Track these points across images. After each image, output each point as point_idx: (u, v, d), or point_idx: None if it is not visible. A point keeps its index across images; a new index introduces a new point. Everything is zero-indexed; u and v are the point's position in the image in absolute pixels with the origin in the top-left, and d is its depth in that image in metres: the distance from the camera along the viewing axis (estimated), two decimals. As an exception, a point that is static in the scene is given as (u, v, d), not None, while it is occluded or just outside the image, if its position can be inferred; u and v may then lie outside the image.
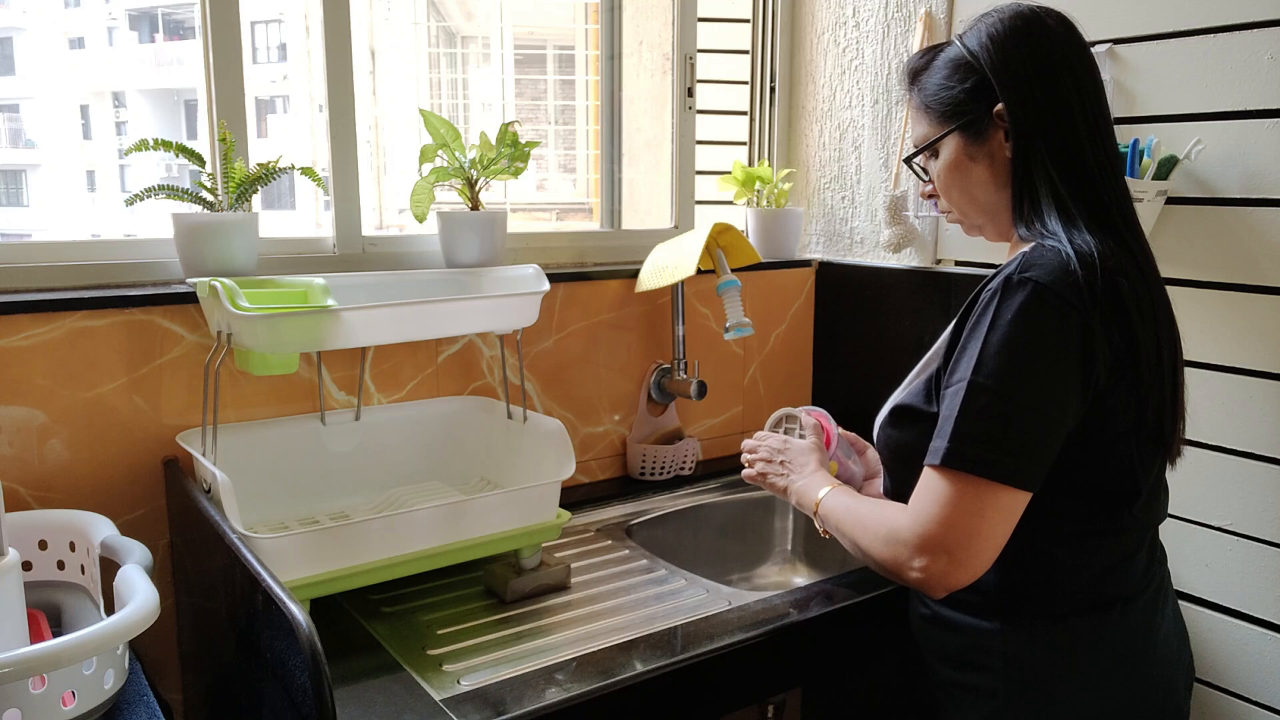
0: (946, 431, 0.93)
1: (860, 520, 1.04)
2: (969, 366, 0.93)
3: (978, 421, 0.92)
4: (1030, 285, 0.92)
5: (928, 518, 0.93)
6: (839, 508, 1.09)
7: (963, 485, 0.92)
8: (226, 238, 1.30)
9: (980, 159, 1.05)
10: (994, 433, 0.92)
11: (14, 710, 0.79)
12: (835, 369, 1.93)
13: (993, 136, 1.03)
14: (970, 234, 1.13)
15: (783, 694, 1.57)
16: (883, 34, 1.77)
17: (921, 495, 0.95)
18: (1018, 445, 0.92)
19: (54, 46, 8.04)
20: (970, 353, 0.94)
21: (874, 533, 1.00)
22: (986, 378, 0.92)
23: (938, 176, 1.10)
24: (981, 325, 0.94)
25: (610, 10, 1.80)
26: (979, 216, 1.09)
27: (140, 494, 1.29)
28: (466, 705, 0.98)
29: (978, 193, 1.07)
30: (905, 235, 1.71)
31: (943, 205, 1.13)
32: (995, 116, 1.02)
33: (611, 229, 1.84)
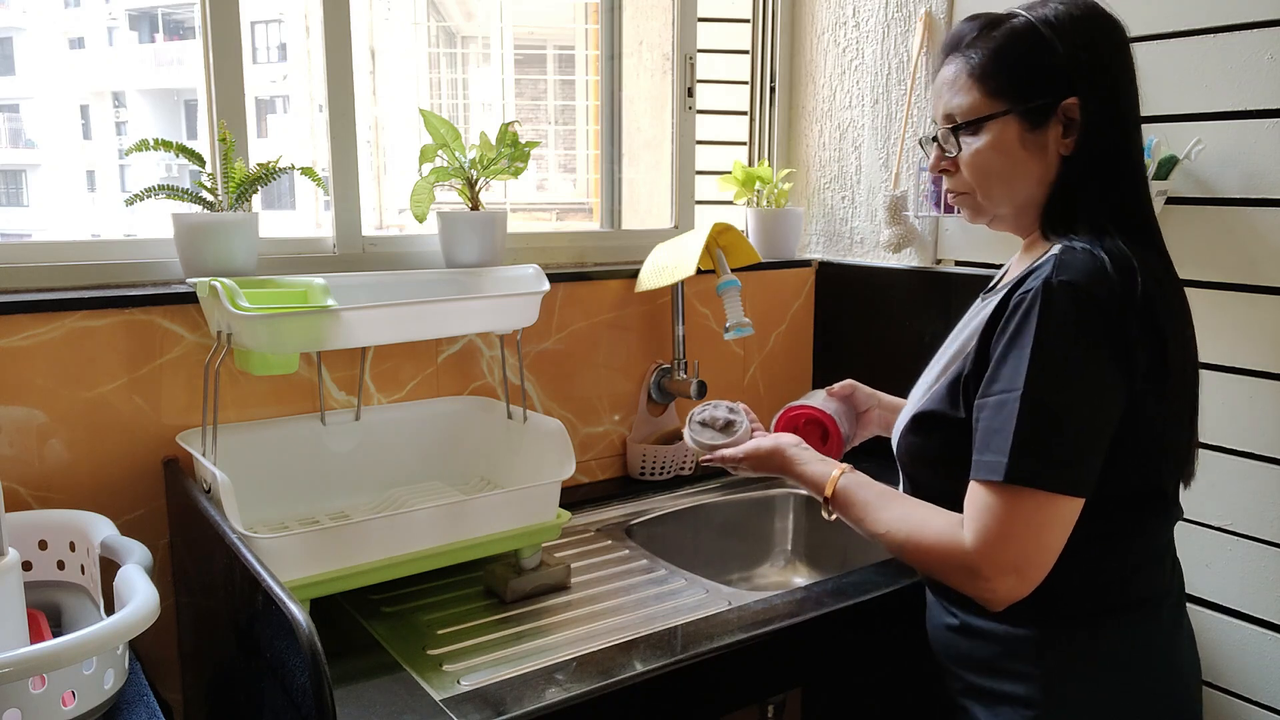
0: (1002, 446, 0.90)
1: (910, 522, 0.99)
2: (1016, 376, 0.90)
3: (1035, 434, 0.89)
4: (1072, 290, 0.89)
5: (994, 537, 0.90)
6: (870, 495, 1.04)
7: (1026, 500, 0.89)
8: (226, 238, 1.30)
9: (1033, 149, 0.98)
10: (1052, 444, 0.89)
11: (14, 710, 0.79)
12: (835, 369, 1.93)
13: (1051, 128, 0.97)
14: (975, 221, 1.07)
15: (783, 694, 1.57)
16: (883, 34, 1.77)
17: (983, 514, 0.91)
18: (1075, 454, 0.90)
19: (54, 46, 8.04)
20: (1015, 362, 0.91)
21: (929, 545, 0.96)
22: (1038, 388, 0.89)
23: (974, 155, 1.00)
24: (1024, 333, 0.91)
25: (610, 10, 1.80)
26: (1006, 207, 1.02)
27: (140, 494, 1.29)
28: (466, 705, 0.98)
29: (1019, 185, 1.00)
30: (905, 235, 1.71)
31: (956, 184, 1.04)
32: (1062, 109, 0.96)
33: (611, 229, 1.84)
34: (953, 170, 1.04)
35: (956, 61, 1.01)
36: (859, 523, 1.04)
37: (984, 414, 0.93)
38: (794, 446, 1.15)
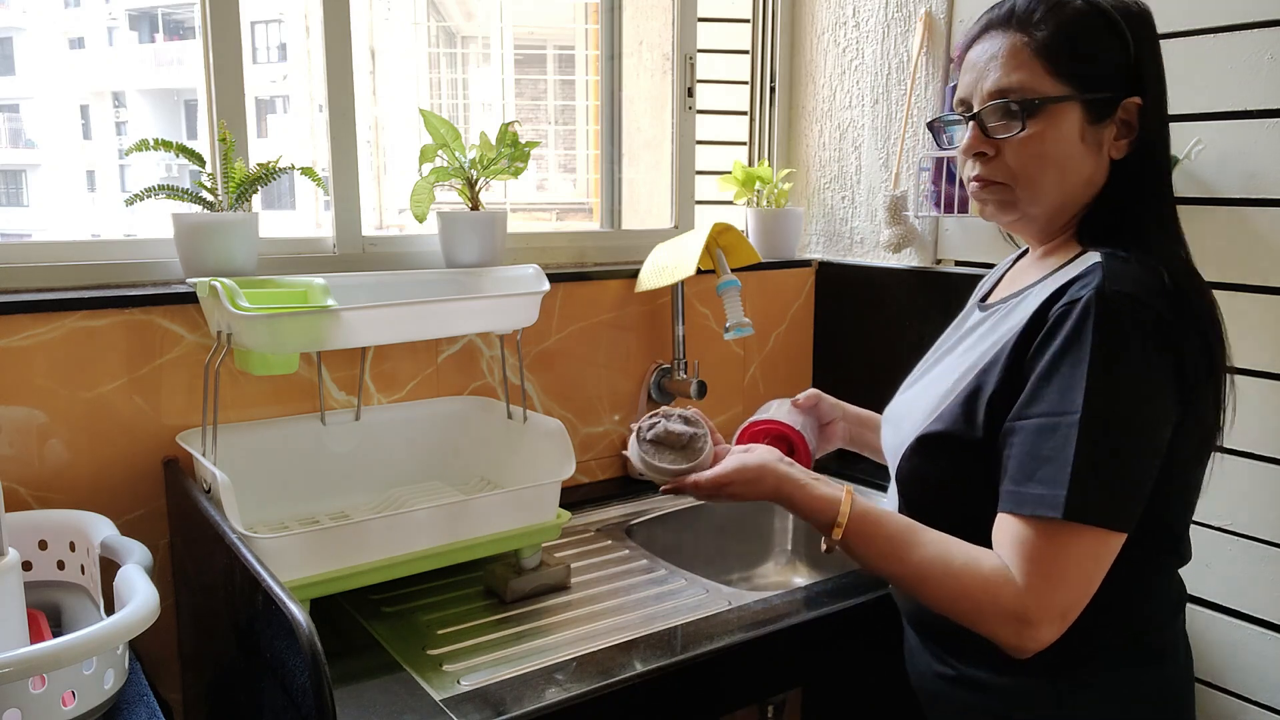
0: (1057, 477, 0.80)
1: (950, 561, 0.86)
2: (1069, 397, 0.81)
3: (1098, 464, 0.80)
4: (1132, 303, 0.81)
5: (1049, 581, 0.80)
6: (896, 527, 0.90)
7: (1084, 539, 0.80)
8: (226, 238, 1.30)
9: (1090, 146, 0.89)
10: (1116, 476, 0.81)
11: (14, 710, 0.79)
12: (835, 369, 1.93)
13: (1107, 127, 0.89)
14: (999, 218, 0.96)
15: (783, 694, 1.57)
16: (883, 34, 1.77)
17: (1033, 554, 0.81)
18: (1136, 486, 0.82)
19: (54, 46, 8.04)
20: (1067, 381, 0.82)
21: (973, 588, 0.84)
22: (1099, 411, 0.80)
23: (1029, 140, 0.89)
24: (1076, 349, 0.82)
25: (610, 10, 1.80)
26: (1045, 206, 0.92)
27: (140, 494, 1.29)
28: (466, 705, 0.98)
29: (1069, 182, 0.90)
30: (905, 235, 1.71)
31: (993, 171, 0.92)
32: (1123, 108, 0.89)
33: (611, 229, 1.84)
34: (992, 155, 0.91)
35: (1010, 35, 0.89)
36: (880, 558, 0.90)
37: (1023, 438, 0.84)
38: (783, 463, 0.98)
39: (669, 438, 1.03)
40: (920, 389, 1.02)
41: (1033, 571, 0.81)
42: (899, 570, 0.89)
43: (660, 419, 1.05)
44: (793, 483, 0.96)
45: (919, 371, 1.08)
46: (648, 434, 1.04)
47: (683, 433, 1.03)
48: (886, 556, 0.90)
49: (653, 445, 1.04)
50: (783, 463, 0.98)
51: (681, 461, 1.02)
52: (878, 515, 0.91)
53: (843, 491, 0.94)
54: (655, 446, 1.03)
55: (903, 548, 0.89)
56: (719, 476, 0.99)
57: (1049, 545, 0.81)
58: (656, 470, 1.02)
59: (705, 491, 1.00)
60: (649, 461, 1.02)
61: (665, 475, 1.02)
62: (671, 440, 1.03)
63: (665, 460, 1.02)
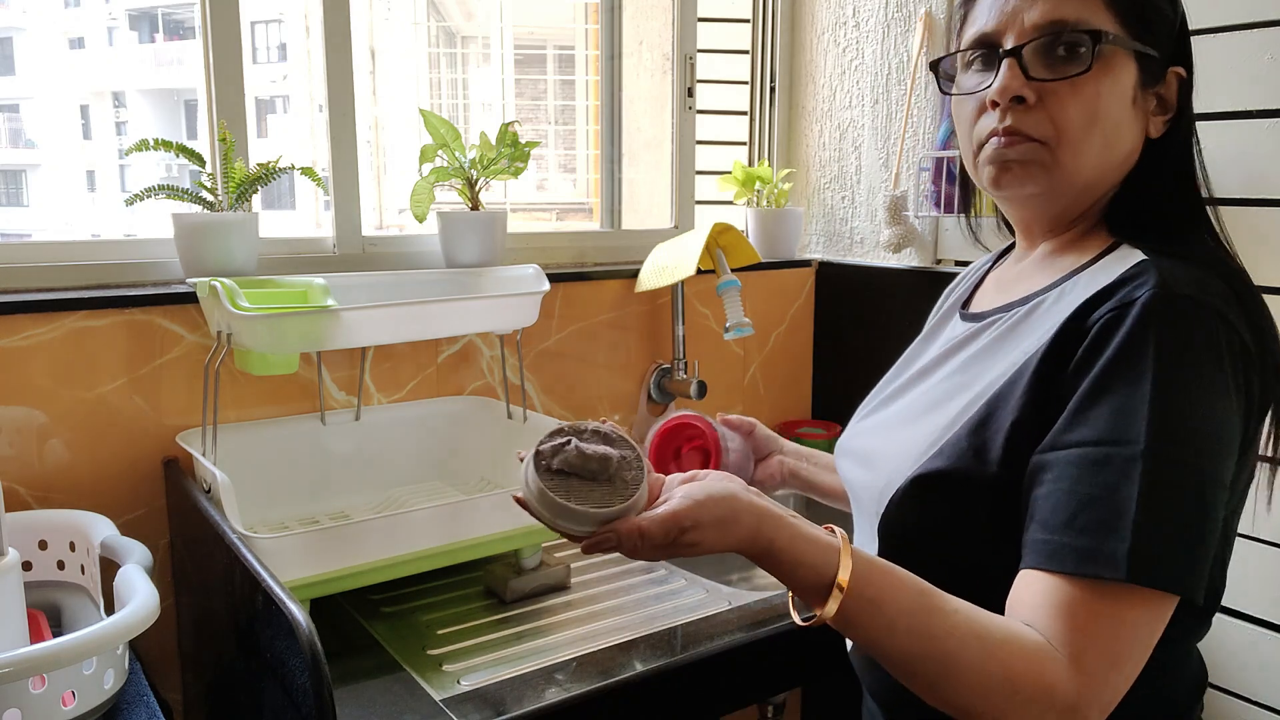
0: (1114, 525, 0.63)
1: (987, 637, 0.64)
2: (1130, 424, 0.64)
3: (1169, 509, 0.63)
4: (1201, 309, 0.67)
5: (1106, 661, 0.62)
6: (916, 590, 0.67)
7: (1145, 607, 0.63)
8: (226, 238, 1.30)
9: (1139, 113, 0.76)
10: (1190, 524, 0.64)
11: (14, 710, 0.79)
12: (835, 369, 1.93)
13: (1150, 97, 0.77)
14: (1009, 187, 0.78)
15: (783, 694, 1.57)
16: (883, 34, 1.77)
17: (1087, 627, 0.63)
18: (1209, 535, 0.65)
19: (54, 46, 8.04)
20: (1125, 403, 0.65)
21: (1015, 673, 0.63)
22: (1168, 442, 0.64)
23: (1085, 85, 0.73)
24: (1136, 362, 0.66)
25: (610, 10, 1.80)
26: (1077, 176, 0.76)
27: (140, 494, 1.29)
28: (466, 705, 0.98)
29: (1113, 151, 0.75)
30: (905, 235, 1.71)
31: (1030, 124, 0.74)
32: (1172, 75, 0.77)
33: (611, 229, 1.84)
34: (1032, 103, 0.74)
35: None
36: (889, 634, 0.66)
37: (1062, 474, 0.67)
38: (755, 494, 0.71)
39: (583, 464, 0.69)
40: (899, 417, 0.85)
41: (1088, 648, 0.62)
42: (917, 649, 0.65)
43: (569, 437, 0.71)
44: (775, 522, 0.68)
45: (886, 394, 0.91)
46: (552, 461, 0.70)
47: (605, 456, 0.70)
48: (901, 632, 0.65)
49: (559, 478, 0.69)
50: (753, 493, 0.70)
51: (607, 500, 0.68)
52: (885, 572, 0.67)
53: (837, 539, 0.68)
54: (563, 480, 0.69)
55: (924, 618, 0.65)
56: (674, 515, 0.67)
57: (1105, 613, 0.63)
58: (570, 515, 0.67)
59: (654, 541, 0.66)
60: (558, 502, 0.67)
61: (585, 522, 0.67)
62: (588, 468, 0.69)
63: (582, 499, 0.68)
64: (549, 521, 0.69)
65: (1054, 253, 0.82)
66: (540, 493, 0.69)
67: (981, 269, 0.95)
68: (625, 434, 0.74)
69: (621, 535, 0.67)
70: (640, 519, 0.67)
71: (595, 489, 0.69)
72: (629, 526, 0.67)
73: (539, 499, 0.69)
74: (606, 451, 0.71)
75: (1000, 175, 0.78)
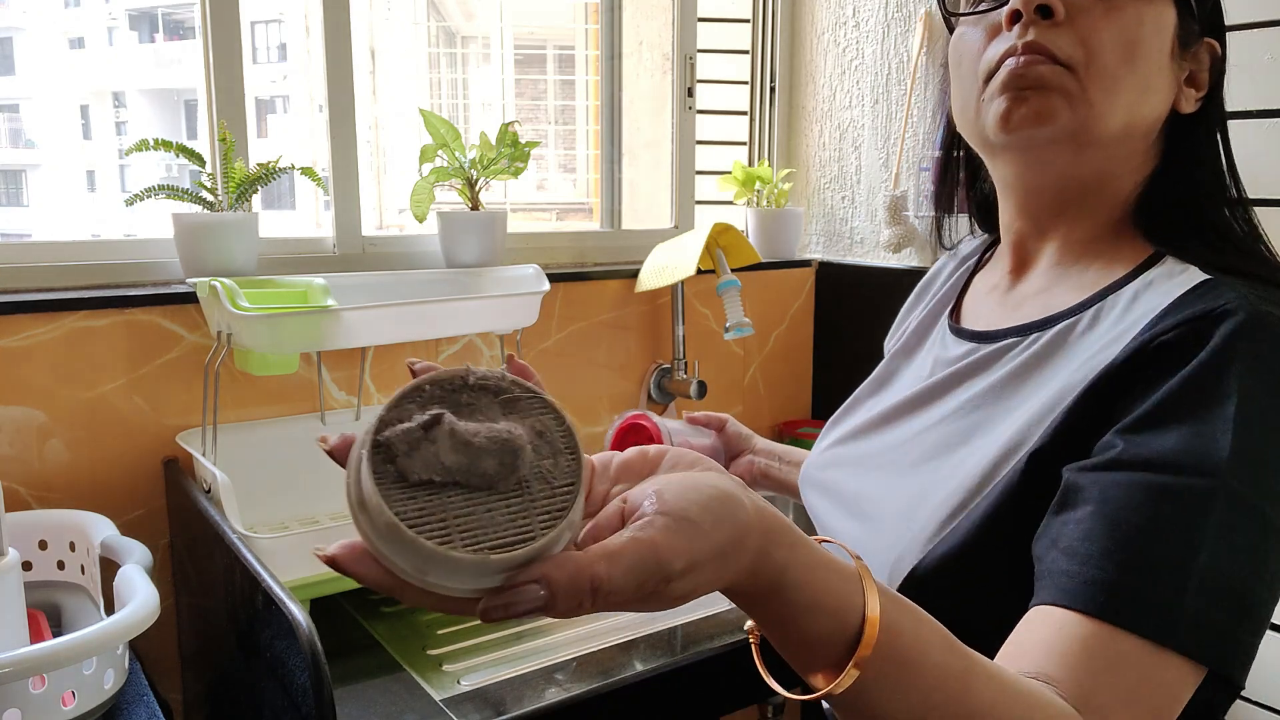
0: (1171, 578, 0.51)
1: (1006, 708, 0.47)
2: (1206, 449, 0.53)
3: (1244, 573, 0.52)
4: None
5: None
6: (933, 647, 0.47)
7: (1182, 676, 0.51)
8: (226, 238, 1.30)
9: (1174, 71, 0.66)
10: (1259, 596, 0.52)
11: (14, 710, 0.79)
12: (835, 369, 1.93)
13: (1184, 65, 0.67)
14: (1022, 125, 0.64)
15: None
16: (883, 34, 1.77)
17: (1112, 684, 0.50)
18: (1270, 608, 0.54)
19: (54, 46, 8.04)
20: (1200, 426, 0.53)
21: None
22: (1251, 479, 0.52)
23: (1117, 9, 0.62)
24: (1215, 382, 0.54)
25: (610, 10, 1.80)
26: (1107, 119, 0.63)
27: (140, 494, 1.29)
28: (466, 705, 0.98)
29: (1147, 104, 0.64)
30: (905, 235, 1.71)
31: (1059, 43, 0.62)
32: (1206, 46, 0.68)
33: (611, 229, 1.84)
34: (1060, 18, 0.62)
35: None
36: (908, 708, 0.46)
37: (1102, 495, 0.54)
38: (749, 493, 0.45)
39: (468, 463, 0.39)
40: (897, 457, 0.72)
41: (1116, 708, 0.50)
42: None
43: (435, 407, 0.41)
44: (788, 538, 0.44)
45: (868, 418, 0.78)
46: (407, 462, 0.39)
47: (506, 442, 0.40)
48: (932, 711, 0.46)
49: (423, 493, 0.39)
50: (748, 490, 0.45)
51: (517, 524, 0.39)
52: (917, 620, 0.47)
53: (852, 563, 0.47)
54: (430, 496, 0.39)
55: (959, 692, 0.46)
56: (652, 549, 0.39)
57: (1142, 674, 0.50)
58: (452, 566, 0.37)
59: (619, 597, 0.39)
60: (426, 546, 0.37)
61: (482, 574, 0.38)
62: (477, 469, 0.39)
63: (473, 531, 0.38)
64: (408, 576, 0.38)
65: (1070, 258, 0.70)
66: (390, 529, 0.37)
67: (962, 269, 0.85)
68: (531, 383, 0.45)
69: (558, 588, 0.37)
70: (591, 559, 0.38)
71: (492, 505, 0.39)
72: (570, 572, 0.37)
73: (387, 539, 0.37)
74: (507, 432, 0.40)
75: (1013, 108, 0.63)
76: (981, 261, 0.83)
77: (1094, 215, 0.69)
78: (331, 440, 0.43)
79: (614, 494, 0.46)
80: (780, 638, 0.46)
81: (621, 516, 0.42)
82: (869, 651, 0.44)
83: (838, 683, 0.44)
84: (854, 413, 0.82)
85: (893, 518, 0.66)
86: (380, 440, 0.40)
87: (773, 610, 0.45)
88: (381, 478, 0.39)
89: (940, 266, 0.89)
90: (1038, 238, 0.73)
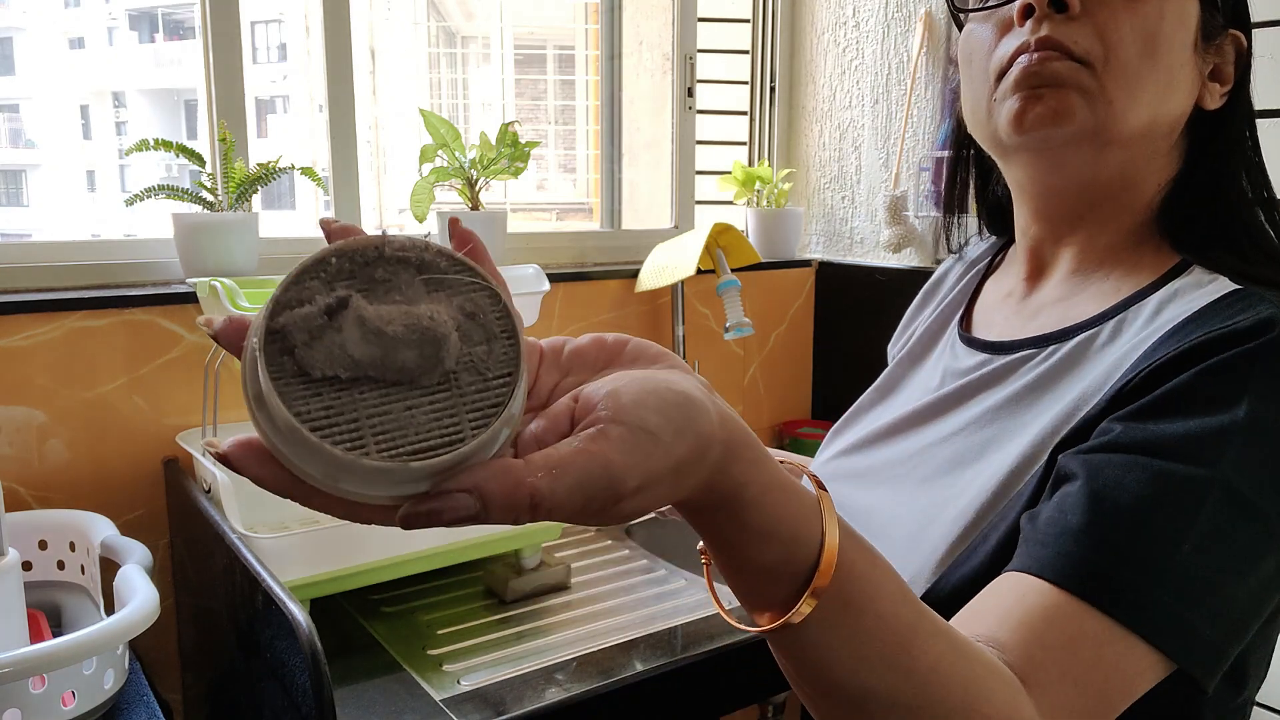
0: (1149, 559, 0.49)
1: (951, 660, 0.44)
2: (1206, 446, 0.50)
3: (1230, 574, 0.50)
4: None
5: (1078, 692, 0.47)
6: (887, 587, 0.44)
7: (1146, 660, 0.49)
8: (226, 238, 1.30)
9: (1197, 66, 0.63)
10: (1242, 600, 0.50)
11: (14, 710, 0.79)
12: (835, 369, 1.93)
13: (1207, 59, 0.63)
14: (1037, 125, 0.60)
15: (783, 694, 1.57)
16: (883, 34, 1.77)
17: (1060, 659, 0.47)
18: (1255, 619, 0.52)
19: (54, 46, 8.04)
20: (1205, 425, 0.51)
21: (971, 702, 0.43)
22: (1248, 481, 0.50)
23: (1129, 14, 0.59)
24: (1233, 388, 0.52)
25: (610, 10, 1.80)
26: (1128, 118, 0.60)
27: (140, 494, 1.29)
28: (466, 705, 0.98)
29: (1170, 102, 0.61)
30: (905, 235, 1.71)
31: (1075, 37, 0.59)
32: (1231, 39, 0.64)
33: (611, 229, 1.84)
34: (1075, 11, 0.59)
35: None
36: (850, 656, 0.42)
37: (1092, 474, 0.52)
38: (714, 397, 0.40)
39: (383, 354, 0.33)
40: (909, 471, 0.69)
41: (1059, 680, 0.47)
42: (887, 687, 0.43)
43: (341, 285, 0.35)
44: (749, 454, 0.40)
45: (877, 427, 0.75)
46: (307, 352, 0.33)
47: (427, 330, 0.34)
48: (873, 660, 0.43)
49: (329, 390, 0.33)
50: (714, 394, 0.40)
51: (443, 426, 0.33)
52: (872, 560, 0.44)
53: (812, 489, 0.43)
54: (339, 392, 0.33)
55: (906, 641, 0.43)
56: (605, 465, 0.34)
57: (1099, 654, 0.48)
58: (363, 474, 0.32)
59: (565, 511, 0.34)
60: (332, 453, 0.32)
61: (402, 480, 0.33)
62: (394, 361, 0.33)
63: (390, 435, 0.33)
64: (316, 483, 0.33)
65: (1089, 265, 0.66)
66: (291, 432, 0.32)
67: (971, 273, 0.80)
68: (461, 254, 0.37)
69: (492, 500, 0.32)
70: (531, 469, 0.33)
71: (412, 402, 0.34)
72: (507, 485, 0.32)
73: (289, 442, 0.32)
74: (429, 318, 0.34)
75: (1027, 107, 0.60)
76: (992, 266, 0.79)
77: (1115, 220, 0.65)
78: (217, 322, 0.36)
79: (564, 387, 0.41)
80: (727, 561, 0.43)
81: (571, 417, 0.37)
82: (826, 582, 0.40)
83: (795, 610, 0.41)
84: (858, 422, 0.79)
85: (903, 536, 0.63)
86: (275, 328, 0.34)
87: (724, 530, 0.41)
88: (278, 372, 0.33)
89: (946, 269, 0.85)
90: (1055, 243, 0.69)
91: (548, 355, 0.42)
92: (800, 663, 0.44)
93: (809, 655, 0.43)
